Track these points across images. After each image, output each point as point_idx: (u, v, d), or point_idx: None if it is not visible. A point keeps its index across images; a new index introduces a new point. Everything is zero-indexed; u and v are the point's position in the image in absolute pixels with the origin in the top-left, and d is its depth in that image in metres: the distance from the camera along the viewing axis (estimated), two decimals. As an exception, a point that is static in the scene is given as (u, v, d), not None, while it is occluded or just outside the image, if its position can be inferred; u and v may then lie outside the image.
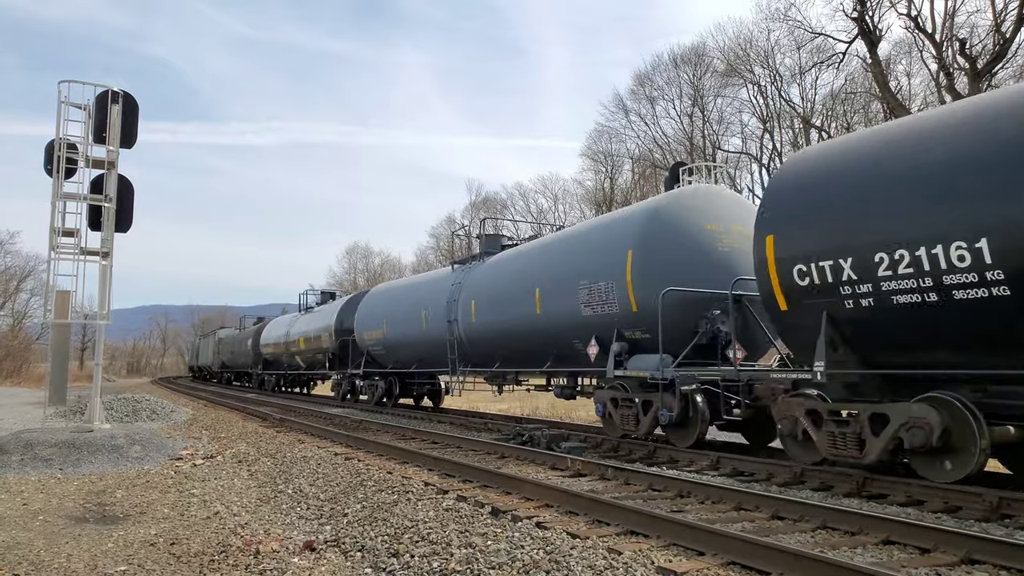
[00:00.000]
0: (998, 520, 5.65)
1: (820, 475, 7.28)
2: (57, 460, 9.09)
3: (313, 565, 4.58)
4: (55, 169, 10.76)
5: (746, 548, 4.42)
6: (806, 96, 38.75)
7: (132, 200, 11.61)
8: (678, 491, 6.73)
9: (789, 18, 35.52)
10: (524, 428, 11.17)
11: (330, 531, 5.46)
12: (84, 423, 11.24)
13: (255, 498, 6.94)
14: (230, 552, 4.87)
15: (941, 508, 6.04)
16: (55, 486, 7.79)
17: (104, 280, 11.18)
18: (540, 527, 5.29)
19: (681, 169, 14.39)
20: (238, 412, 19.01)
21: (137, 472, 8.74)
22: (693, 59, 43.16)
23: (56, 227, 10.79)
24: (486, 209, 57.09)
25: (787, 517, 5.63)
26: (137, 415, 16.07)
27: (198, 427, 14.61)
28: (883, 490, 6.66)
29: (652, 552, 4.63)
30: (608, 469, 7.74)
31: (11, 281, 58.21)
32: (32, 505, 6.74)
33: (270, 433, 13.02)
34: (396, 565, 4.47)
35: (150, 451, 9.86)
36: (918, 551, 4.69)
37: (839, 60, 34.35)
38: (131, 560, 4.77)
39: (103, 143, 11.11)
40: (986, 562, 4.38)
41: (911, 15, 29.74)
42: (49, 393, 11.56)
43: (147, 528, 5.72)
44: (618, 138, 47.60)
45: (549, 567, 4.23)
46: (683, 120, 44.25)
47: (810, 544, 4.87)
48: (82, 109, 11.06)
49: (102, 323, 11.37)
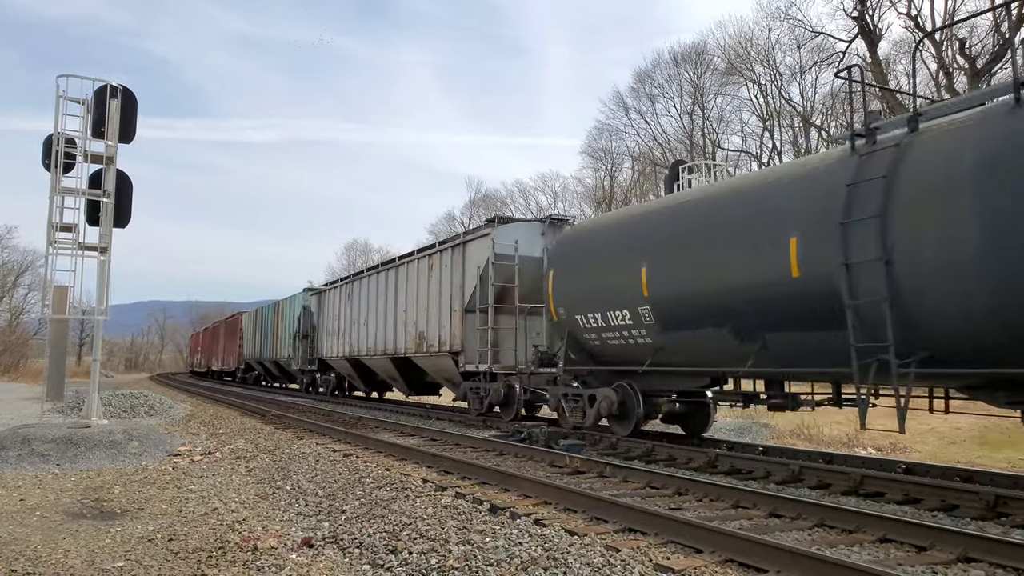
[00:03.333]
0: (994, 519, 5.67)
1: (818, 473, 7.30)
2: (54, 456, 9.08)
3: (311, 561, 4.59)
4: (53, 164, 10.74)
5: (744, 546, 4.42)
6: (806, 95, 38.70)
7: (131, 195, 11.59)
8: (676, 489, 6.74)
9: (790, 17, 35.56)
10: (523, 426, 11.18)
11: (328, 527, 5.46)
12: (82, 419, 11.24)
13: (253, 494, 6.94)
14: (228, 548, 4.86)
15: (938, 506, 6.06)
16: (52, 482, 7.78)
17: (102, 275, 11.17)
18: (538, 524, 5.29)
19: (681, 167, 14.42)
20: (236, 408, 19.00)
21: (135, 468, 8.73)
22: (693, 57, 43.13)
23: (54, 222, 10.77)
24: (486, 206, 57.07)
25: (784, 515, 5.64)
26: (135, 411, 16.06)
27: (196, 423, 14.61)
28: (880, 488, 6.68)
29: (650, 549, 4.64)
30: (606, 467, 7.75)
31: (9, 276, 58.18)
32: (29, 501, 6.73)
33: (268, 429, 13.02)
34: (394, 561, 4.47)
35: (148, 447, 9.86)
36: (915, 549, 4.70)
37: (839, 59, 34.34)
38: (129, 556, 4.77)
39: (102, 138, 11.09)
40: (982, 560, 4.39)
41: (911, 14, 29.76)
42: (47, 388, 11.55)
43: (145, 524, 5.71)
44: (618, 136, 47.59)
45: (547, 564, 4.24)
46: (683, 118, 44.23)
47: (807, 542, 4.88)
48: (81, 104, 11.03)
49: (100, 318, 11.35)
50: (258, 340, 33.37)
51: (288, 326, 28.24)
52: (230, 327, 40.55)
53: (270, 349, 31.12)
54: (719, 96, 42.67)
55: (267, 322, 31.66)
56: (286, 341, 28.46)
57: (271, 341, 30.95)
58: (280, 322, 29.63)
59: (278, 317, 29.96)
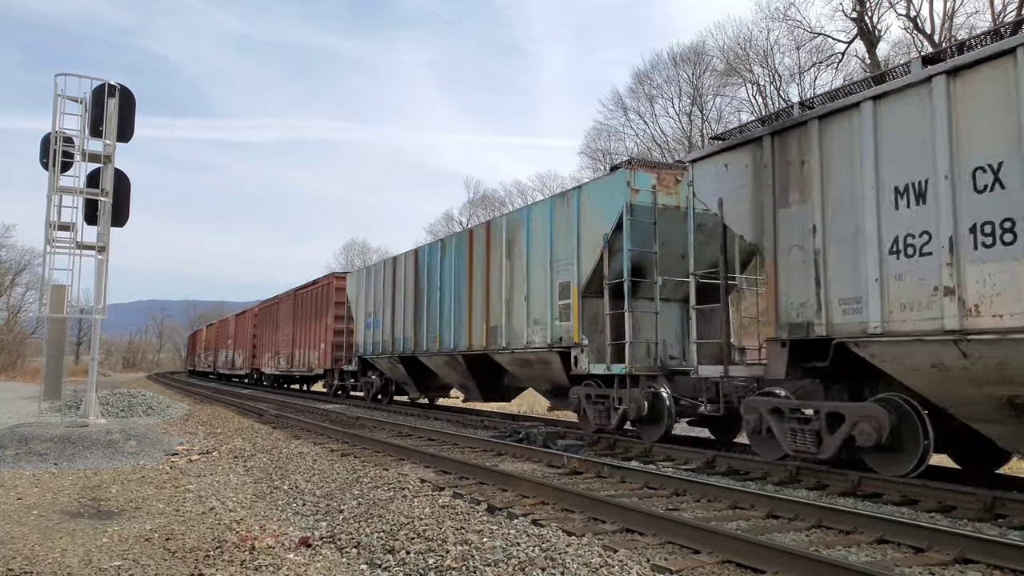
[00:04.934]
0: (992, 520, 5.67)
1: (816, 474, 7.30)
2: (52, 455, 9.07)
3: (309, 561, 4.58)
4: (51, 163, 10.72)
5: (741, 547, 4.43)
6: (805, 96, 38.74)
7: (128, 194, 11.57)
8: (674, 489, 6.74)
9: (788, 18, 35.58)
10: (521, 426, 11.17)
11: (326, 527, 5.45)
12: (79, 418, 11.22)
13: (251, 494, 6.93)
14: (225, 548, 4.86)
15: (935, 507, 6.06)
16: (50, 481, 7.77)
17: (100, 274, 11.15)
18: (536, 524, 5.29)
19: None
20: (234, 408, 18.98)
21: (132, 467, 8.72)
22: (692, 58, 43.12)
23: (52, 221, 10.75)
24: (484, 206, 57.05)
25: (782, 516, 5.65)
26: (133, 410, 16.03)
27: (194, 423, 14.59)
28: (878, 489, 6.68)
29: (648, 550, 4.64)
30: (604, 467, 7.75)
31: (6, 275, 58.01)
32: (26, 500, 6.72)
33: (266, 429, 13.01)
34: (392, 561, 4.46)
35: (145, 446, 9.84)
36: (912, 550, 4.70)
37: (838, 60, 34.40)
38: (126, 555, 4.76)
39: (100, 137, 11.07)
40: (979, 562, 4.40)
41: (910, 16, 29.82)
42: (44, 387, 11.53)
43: (142, 523, 5.70)
44: (617, 136, 47.51)
45: (545, 564, 4.23)
46: (682, 119, 44.21)
47: (805, 543, 4.88)
48: (79, 103, 11.01)
49: (98, 318, 11.34)
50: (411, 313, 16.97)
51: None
52: (311, 297, 25.16)
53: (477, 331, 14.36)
54: (718, 97, 42.69)
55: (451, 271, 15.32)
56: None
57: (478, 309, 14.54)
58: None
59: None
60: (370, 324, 19.24)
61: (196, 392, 28.34)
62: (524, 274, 12.30)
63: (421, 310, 16.33)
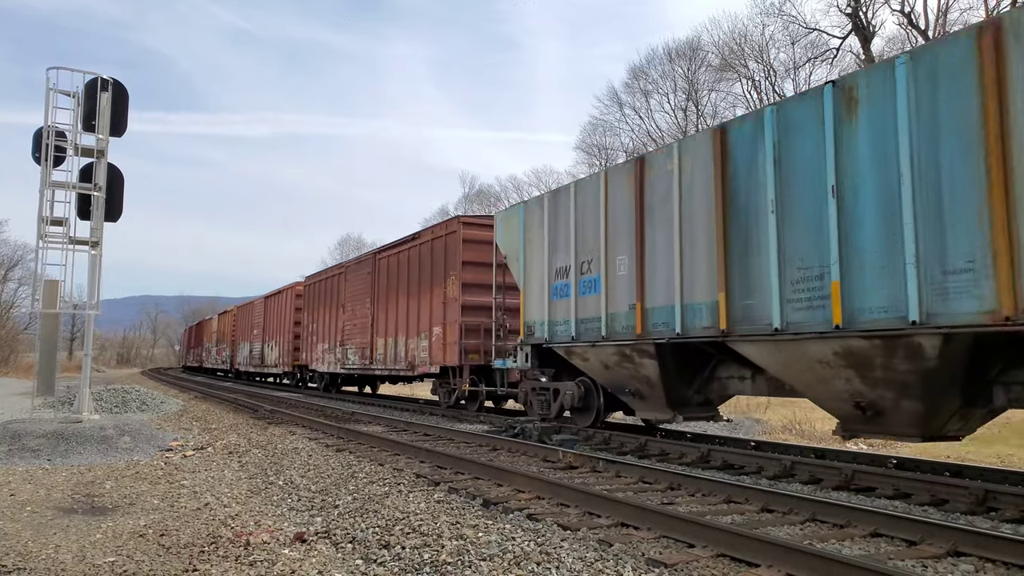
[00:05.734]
0: (984, 513, 5.71)
1: (810, 469, 7.34)
2: (45, 451, 9.04)
3: (304, 556, 4.58)
4: (43, 157, 10.65)
5: (736, 540, 4.44)
6: (800, 91, 38.80)
7: (122, 189, 11.52)
8: (669, 484, 6.76)
9: (783, 13, 35.56)
10: (516, 421, 11.19)
11: (321, 523, 5.45)
12: (73, 414, 11.17)
13: (246, 489, 6.92)
14: (220, 543, 4.85)
15: (928, 501, 6.10)
16: (43, 477, 7.74)
17: (93, 270, 11.10)
18: (531, 519, 5.30)
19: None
20: (228, 404, 18.94)
21: (126, 463, 8.70)
22: (688, 53, 43.10)
23: (44, 216, 10.69)
24: (480, 201, 56.99)
25: (776, 510, 5.67)
26: (127, 406, 15.99)
27: (188, 418, 14.56)
28: (871, 483, 6.72)
29: (643, 544, 4.65)
30: (599, 462, 7.77)
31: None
32: (20, 496, 6.69)
33: (260, 425, 12.99)
34: (387, 556, 4.46)
35: (140, 442, 9.82)
36: (905, 543, 4.73)
37: (833, 55, 34.43)
38: (120, 551, 4.75)
39: (92, 131, 11.00)
40: (972, 555, 4.42)
41: (904, 11, 29.85)
42: (37, 383, 11.49)
43: (136, 519, 5.69)
44: (612, 131, 47.54)
45: (540, 559, 4.24)
46: (677, 114, 44.21)
47: (799, 536, 4.90)
48: (71, 97, 10.95)
49: (91, 313, 11.30)
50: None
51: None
52: (407, 260, 17.28)
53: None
54: (713, 92, 42.68)
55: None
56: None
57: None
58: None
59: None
60: (561, 289, 10.97)
61: (190, 388, 28.24)
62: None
63: (747, 250, 7.86)
